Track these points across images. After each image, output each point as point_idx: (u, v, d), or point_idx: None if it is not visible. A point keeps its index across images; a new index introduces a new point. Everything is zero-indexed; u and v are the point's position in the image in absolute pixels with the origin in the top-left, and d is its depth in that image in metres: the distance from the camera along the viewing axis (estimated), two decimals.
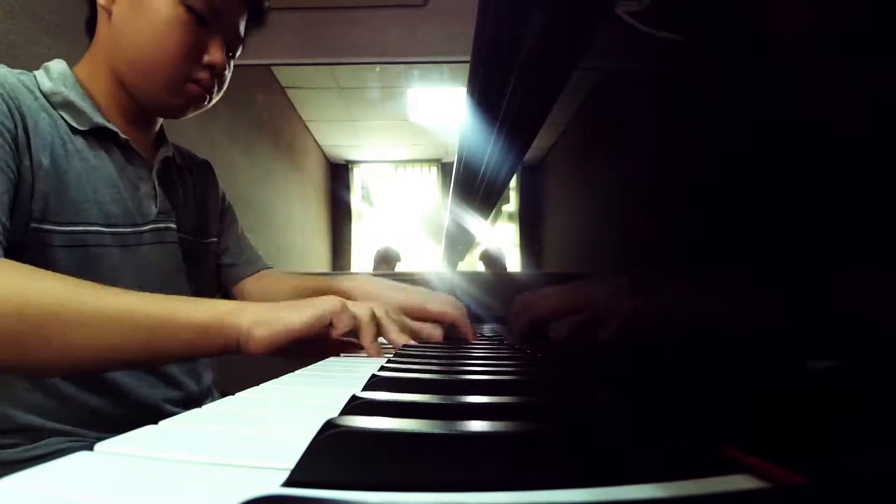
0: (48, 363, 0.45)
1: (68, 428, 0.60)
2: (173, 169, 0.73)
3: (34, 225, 0.55)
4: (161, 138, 0.73)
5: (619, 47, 0.43)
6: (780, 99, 0.23)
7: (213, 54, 0.63)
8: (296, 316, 0.49)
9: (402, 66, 2.88)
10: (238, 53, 0.69)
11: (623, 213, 0.43)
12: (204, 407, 0.29)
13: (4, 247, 0.51)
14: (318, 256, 4.44)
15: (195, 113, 0.68)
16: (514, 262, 0.97)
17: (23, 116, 0.55)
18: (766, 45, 0.24)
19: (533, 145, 0.75)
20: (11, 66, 1.10)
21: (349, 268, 4.88)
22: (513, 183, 0.96)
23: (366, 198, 4.97)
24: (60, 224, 0.57)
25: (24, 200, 0.54)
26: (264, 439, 0.23)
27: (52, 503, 0.15)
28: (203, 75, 0.64)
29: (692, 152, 0.31)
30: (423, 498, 0.16)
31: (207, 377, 0.77)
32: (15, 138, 0.53)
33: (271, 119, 3.23)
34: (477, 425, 0.21)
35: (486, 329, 1.19)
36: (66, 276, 0.46)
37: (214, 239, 0.80)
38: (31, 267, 0.46)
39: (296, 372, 0.46)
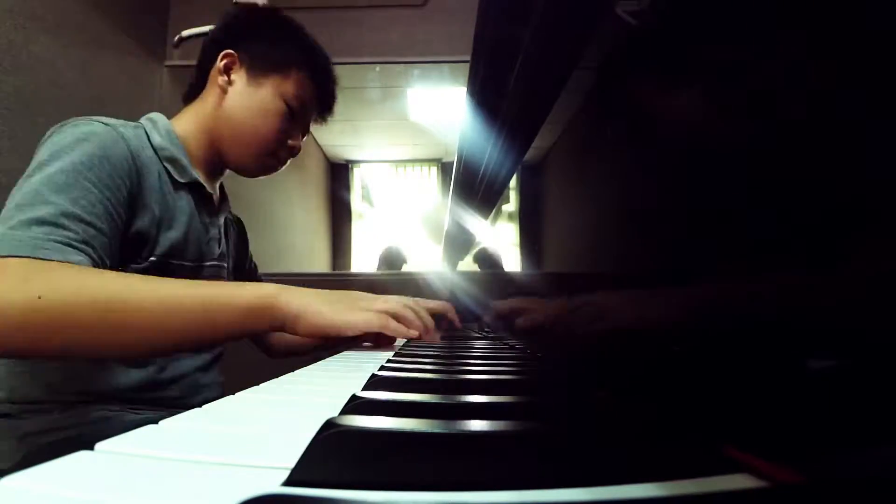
0: (124, 347, 0.51)
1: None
2: (228, 222, 0.90)
3: (139, 260, 0.67)
4: (222, 191, 0.88)
5: (619, 47, 0.43)
6: (781, 99, 0.23)
7: (296, 140, 0.83)
8: (346, 317, 0.57)
9: (402, 66, 2.88)
10: (305, 138, 0.86)
11: (623, 213, 0.43)
12: (204, 407, 0.29)
13: (94, 259, 0.56)
14: (318, 256, 4.44)
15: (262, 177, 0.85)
16: (513, 262, 0.97)
17: (140, 175, 0.66)
18: (765, 45, 0.24)
19: (533, 145, 0.75)
20: (11, 65, 1.10)
21: (349, 268, 4.87)
22: (513, 183, 0.96)
23: (366, 198, 4.96)
24: (157, 256, 0.68)
25: (133, 242, 0.65)
26: (264, 439, 0.23)
27: (52, 502, 0.15)
28: (283, 154, 0.83)
29: (692, 152, 0.31)
30: (423, 497, 0.16)
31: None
32: (132, 194, 0.64)
33: None
34: (477, 425, 0.21)
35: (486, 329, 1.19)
36: (121, 272, 0.56)
37: None
38: (90, 268, 0.54)
39: (296, 371, 0.46)
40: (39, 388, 0.64)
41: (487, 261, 1.29)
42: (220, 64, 0.78)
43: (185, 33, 1.42)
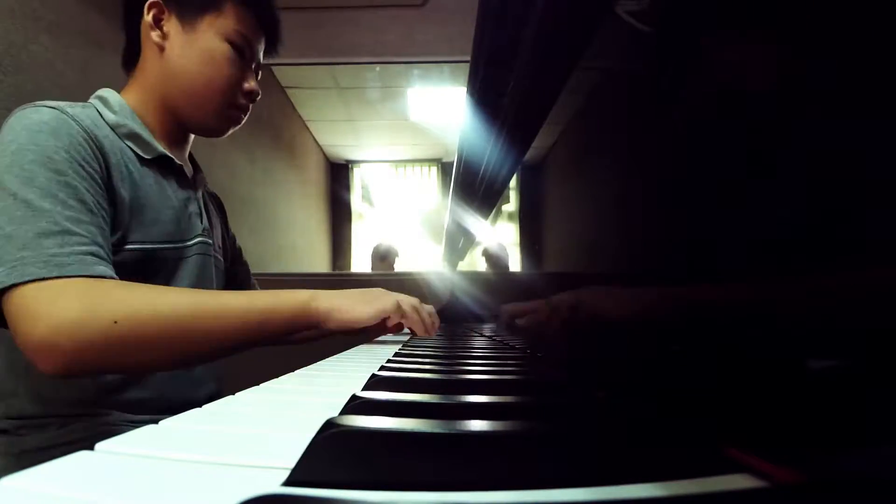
0: (195, 356, 0.59)
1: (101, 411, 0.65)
2: (206, 196, 0.84)
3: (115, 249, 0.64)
4: (193, 161, 0.83)
5: (619, 47, 0.43)
6: (781, 99, 0.23)
7: (251, 83, 0.75)
8: (365, 309, 0.66)
9: (401, 66, 2.88)
10: (260, 76, 0.79)
11: (623, 213, 0.43)
12: (204, 407, 0.29)
13: (107, 259, 0.57)
14: (318, 256, 4.44)
15: (232, 132, 0.79)
16: (513, 262, 0.98)
17: (104, 155, 0.61)
18: (765, 45, 0.24)
19: (533, 145, 0.75)
20: (12, 65, 1.10)
21: (349, 268, 4.88)
22: (513, 183, 0.96)
23: (366, 198, 4.97)
24: (133, 243, 0.65)
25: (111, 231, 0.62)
26: (264, 439, 0.23)
27: (53, 502, 0.15)
28: (243, 101, 0.75)
29: (692, 152, 0.31)
30: (423, 497, 0.16)
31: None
32: (102, 179, 0.60)
33: (271, 119, 3.23)
34: (477, 425, 0.21)
35: (486, 328, 1.19)
36: (186, 289, 0.60)
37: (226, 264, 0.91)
38: (148, 286, 0.57)
39: (296, 371, 0.46)
40: (34, 403, 0.62)
41: (494, 257, 1.30)
42: (147, 18, 0.69)
43: None
